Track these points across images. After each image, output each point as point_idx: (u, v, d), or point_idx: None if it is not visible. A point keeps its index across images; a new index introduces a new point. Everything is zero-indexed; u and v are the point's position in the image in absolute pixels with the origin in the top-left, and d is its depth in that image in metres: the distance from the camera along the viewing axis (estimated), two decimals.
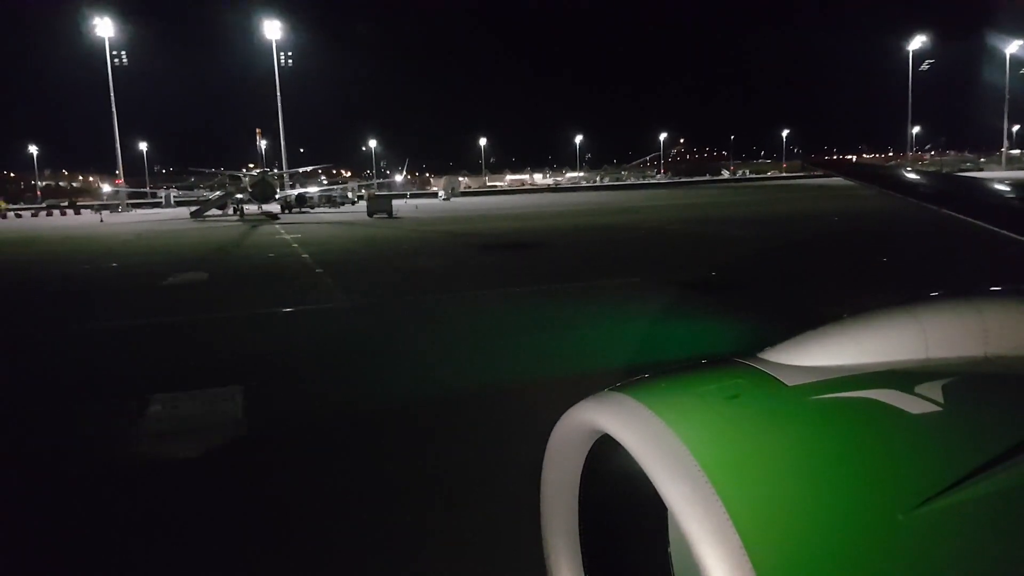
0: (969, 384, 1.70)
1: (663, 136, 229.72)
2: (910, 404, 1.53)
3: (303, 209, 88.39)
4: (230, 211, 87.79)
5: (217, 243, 47.18)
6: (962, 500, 1.35)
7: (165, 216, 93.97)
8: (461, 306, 19.26)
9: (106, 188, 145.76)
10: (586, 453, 1.73)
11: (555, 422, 1.75)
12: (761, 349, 1.77)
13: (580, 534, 1.82)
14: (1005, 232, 3.32)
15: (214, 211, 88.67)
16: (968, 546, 1.35)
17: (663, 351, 12.72)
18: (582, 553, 1.82)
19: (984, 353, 1.80)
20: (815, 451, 1.43)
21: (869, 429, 1.49)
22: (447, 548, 6.49)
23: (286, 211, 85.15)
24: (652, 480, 1.36)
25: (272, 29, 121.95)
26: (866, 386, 1.59)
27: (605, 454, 1.67)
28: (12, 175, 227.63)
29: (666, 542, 1.78)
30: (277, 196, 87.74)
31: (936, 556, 1.33)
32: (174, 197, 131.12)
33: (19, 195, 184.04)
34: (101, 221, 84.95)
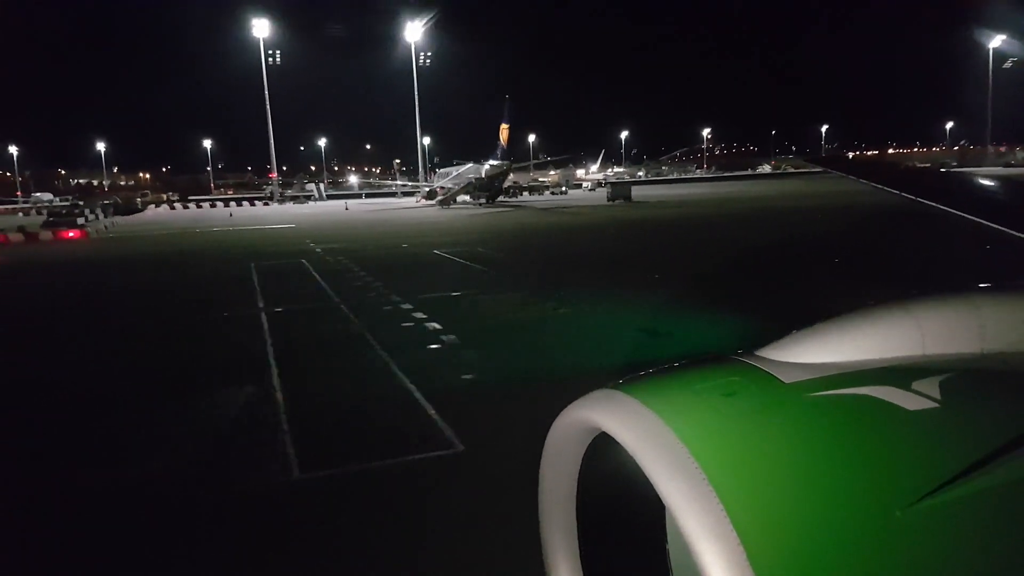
0: (966, 380, 1.69)
1: (706, 131, 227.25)
2: (907, 400, 1.53)
3: (503, 198, 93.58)
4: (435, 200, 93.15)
5: (599, 220, 53.21)
6: (959, 496, 1.35)
7: (373, 206, 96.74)
8: None
9: (352, 179, 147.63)
10: (584, 451, 1.73)
11: None
12: (758, 346, 1.76)
13: (578, 531, 1.82)
14: (1002, 228, 3.26)
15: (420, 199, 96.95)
16: (965, 541, 1.35)
17: None
18: (580, 549, 1.82)
19: (981, 349, 1.80)
20: (812, 448, 1.43)
21: (866, 426, 1.49)
22: None
23: (488, 200, 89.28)
24: (650, 477, 1.37)
25: (413, 32, 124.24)
26: (863, 383, 1.59)
27: (603, 452, 1.67)
28: (62, 172, 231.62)
29: (664, 539, 1.78)
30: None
31: (933, 552, 1.33)
32: (324, 190, 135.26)
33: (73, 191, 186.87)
34: (347, 209, 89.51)
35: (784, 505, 1.33)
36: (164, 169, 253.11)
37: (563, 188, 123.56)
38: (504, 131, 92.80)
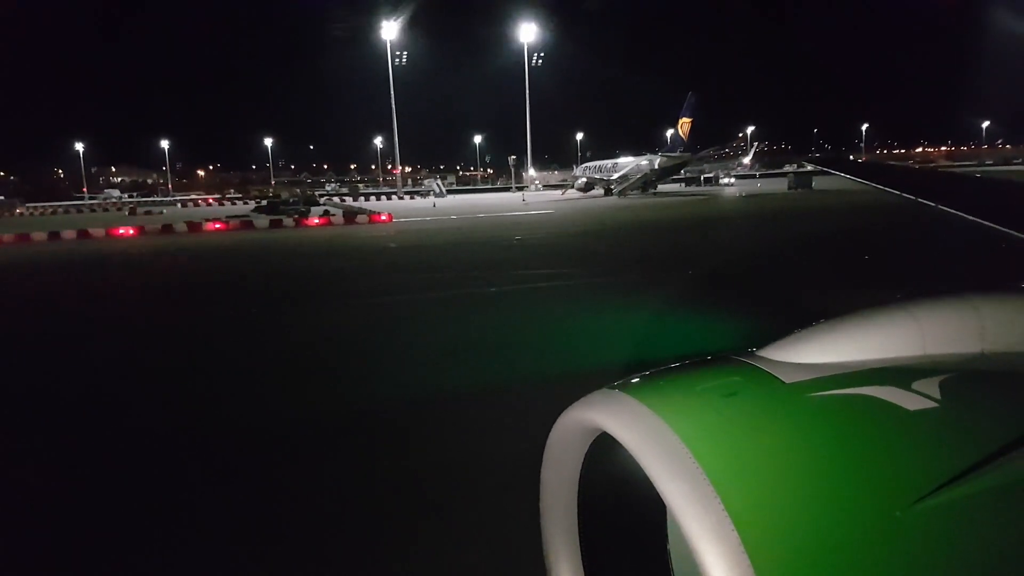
0: (966, 380, 1.69)
1: (750, 129, 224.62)
2: (908, 401, 1.53)
3: (651, 190, 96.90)
4: (599, 190, 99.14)
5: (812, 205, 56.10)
6: (959, 496, 1.35)
7: (544, 198, 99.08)
8: None
9: (532, 173, 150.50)
10: (585, 452, 1.73)
11: None
12: (759, 346, 1.76)
13: (579, 532, 1.82)
14: (1001, 228, 3.20)
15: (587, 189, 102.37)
16: (965, 542, 1.35)
17: None
18: (581, 551, 1.82)
19: (981, 349, 1.80)
20: (813, 448, 1.43)
21: (867, 426, 1.49)
22: None
23: (643, 191, 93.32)
24: (651, 478, 1.37)
25: (527, 32, 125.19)
26: (864, 383, 1.58)
27: (604, 452, 1.67)
28: (113, 169, 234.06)
29: (665, 539, 1.78)
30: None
31: (933, 552, 1.33)
32: (441, 185, 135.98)
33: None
34: (524, 200, 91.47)
35: (785, 505, 1.33)
36: (210, 168, 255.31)
37: (729, 179, 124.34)
38: (685, 124, 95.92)
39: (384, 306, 20.35)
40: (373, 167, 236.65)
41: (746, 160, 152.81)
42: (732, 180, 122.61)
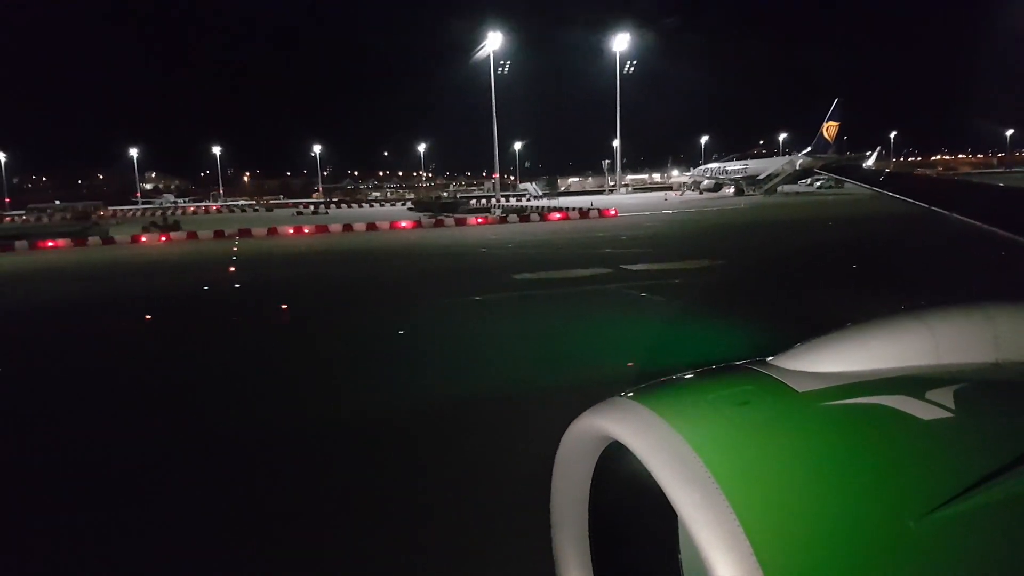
0: (980, 390, 1.68)
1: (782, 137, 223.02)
2: (921, 410, 1.52)
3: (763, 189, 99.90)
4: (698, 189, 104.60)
5: None
6: (974, 507, 1.34)
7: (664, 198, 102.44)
8: None
9: (675, 174, 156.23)
10: (596, 459, 1.72)
11: None
12: (772, 355, 1.75)
13: (590, 540, 1.81)
14: (1013, 236, 3.16)
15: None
16: (979, 552, 1.34)
17: None
18: (592, 559, 1.81)
19: (995, 359, 1.78)
20: (826, 457, 1.42)
21: (880, 435, 1.48)
22: None
23: (769, 191, 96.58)
24: (662, 486, 1.36)
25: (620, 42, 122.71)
26: (877, 392, 1.57)
27: (615, 460, 1.66)
28: (153, 175, 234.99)
29: (676, 548, 1.77)
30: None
31: (947, 562, 1.32)
32: (538, 188, 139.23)
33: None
34: (666, 199, 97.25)
35: (797, 515, 1.32)
36: (247, 175, 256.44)
37: (830, 183, 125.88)
38: (831, 128, 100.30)
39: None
40: (401, 173, 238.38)
41: (869, 163, 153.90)
42: (820, 184, 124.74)
